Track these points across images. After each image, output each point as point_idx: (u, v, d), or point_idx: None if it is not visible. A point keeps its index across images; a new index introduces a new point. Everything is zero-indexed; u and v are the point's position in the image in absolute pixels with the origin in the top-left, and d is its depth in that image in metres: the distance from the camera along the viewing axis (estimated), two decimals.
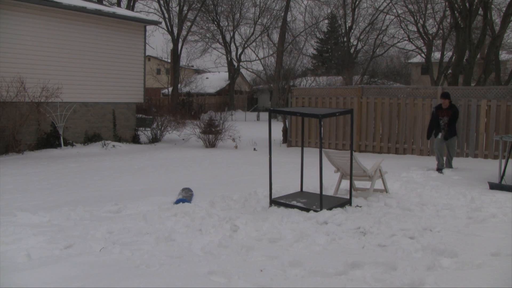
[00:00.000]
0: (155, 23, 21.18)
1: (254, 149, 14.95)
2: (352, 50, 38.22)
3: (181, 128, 17.73)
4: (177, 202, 6.69)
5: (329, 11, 39.71)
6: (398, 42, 37.39)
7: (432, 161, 11.54)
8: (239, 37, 41.53)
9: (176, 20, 34.78)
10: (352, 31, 37.62)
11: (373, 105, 13.64)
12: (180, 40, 35.22)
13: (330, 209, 6.03)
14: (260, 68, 35.86)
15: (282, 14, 34.61)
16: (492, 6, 23.25)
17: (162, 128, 17.37)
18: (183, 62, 40.43)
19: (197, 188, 7.78)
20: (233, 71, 42.25)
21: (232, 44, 41.28)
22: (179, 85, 36.42)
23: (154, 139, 17.13)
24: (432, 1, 30.30)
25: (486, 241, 4.80)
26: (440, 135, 10.02)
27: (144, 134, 17.35)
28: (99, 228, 5.31)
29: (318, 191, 6.42)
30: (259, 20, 38.60)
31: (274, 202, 6.50)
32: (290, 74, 22.31)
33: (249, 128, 22.03)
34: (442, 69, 29.50)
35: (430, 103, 12.78)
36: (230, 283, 3.67)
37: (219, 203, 6.57)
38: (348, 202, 6.47)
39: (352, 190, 7.49)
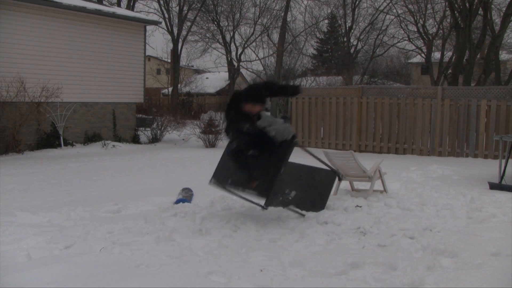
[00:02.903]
0: (155, 23, 21.19)
1: None
2: (352, 50, 38.21)
3: (181, 128, 17.73)
4: (177, 202, 6.69)
5: (329, 11, 39.69)
6: (398, 42, 37.40)
7: (432, 160, 11.56)
8: (239, 37, 41.49)
9: (176, 20, 34.77)
10: (352, 31, 37.61)
11: (373, 105, 13.63)
12: (180, 40, 35.21)
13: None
14: (260, 68, 35.87)
15: (282, 14, 34.60)
16: (492, 6, 23.26)
17: (162, 128, 17.36)
18: (183, 62, 40.41)
19: (197, 188, 7.77)
20: (233, 71, 42.22)
21: (232, 44, 41.25)
22: (179, 85, 36.42)
23: (154, 139, 17.13)
24: (432, 1, 30.32)
25: (486, 241, 4.79)
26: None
27: (144, 134, 17.35)
28: (99, 228, 5.30)
29: None
30: (259, 20, 38.57)
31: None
32: (290, 74, 22.28)
33: None
34: (442, 69, 29.50)
35: (430, 103, 12.79)
36: (230, 283, 3.67)
37: (219, 203, 6.56)
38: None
39: (352, 190, 7.51)
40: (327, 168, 6.43)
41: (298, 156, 6.21)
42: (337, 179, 6.51)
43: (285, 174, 6.00)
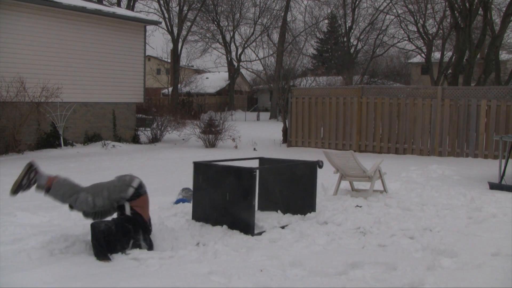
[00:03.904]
0: (155, 23, 21.19)
1: (254, 149, 14.95)
2: (352, 50, 38.22)
3: (181, 128, 17.73)
4: (177, 202, 6.70)
5: (329, 11, 39.72)
6: (398, 42, 37.45)
7: (432, 160, 11.56)
8: (239, 37, 41.56)
9: (176, 20, 34.77)
10: (352, 31, 37.63)
11: (373, 105, 13.64)
12: (180, 40, 35.21)
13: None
14: (260, 68, 35.85)
15: (282, 14, 34.62)
16: (492, 6, 23.24)
17: (162, 128, 17.36)
18: (183, 62, 40.42)
19: None
20: (233, 71, 42.24)
21: (232, 44, 41.30)
22: (179, 85, 36.41)
23: (154, 139, 17.13)
24: (432, 1, 30.32)
25: (486, 241, 4.79)
26: None
27: (144, 134, 17.34)
28: None
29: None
30: (259, 20, 38.61)
31: None
32: (290, 74, 22.29)
33: (249, 128, 22.03)
34: (442, 69, 29.51)
35: (430, 103, 12.79)
36: (230, 283, 3.67)
37: None
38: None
39: (352, 190, 7.51)
40: (305, 160, 6.29)
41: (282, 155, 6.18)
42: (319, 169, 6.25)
43: (268, 172, 6.00)
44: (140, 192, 4.57)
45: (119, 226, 4.35)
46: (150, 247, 4.53)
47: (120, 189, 4.52)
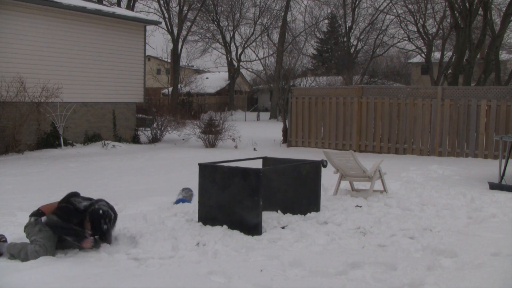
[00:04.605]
0: (155, 23, 21.20)
1: (254, 149, 14.94)
2: (352, 50, 38.23)
3: (181, 128, 17.73)
4: (177, 202, 6.70)
5: (329, 11, 39.76)
6: (398, 42, 37.49)
7: (432, 160, 11.56)
8: (239, 37, 41.59)
9: (176, 20, 34.79)
10: (352, 31, 37.67)
11: (373, 105, 13.63)
12: (180, 40, 35.23)
13: None
14: (260, 68, 35.89)
15: (282, 14, 34.63)
16: (492, 6, 23.25)
17: (162, 128, 17.36)
18: (183, 62, 40.44)
19: (197, 188, 7.76)
20: (233, 71, 42.26)
21: (232, 44, 41.33)
22: (179, 85, 36.42)
23: (154, 139, 17.13)
24: (432, 1, 30.34)
25: (486, 241, 4.79)
26: None
27: (144, 134, 17.35)
28: None
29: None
30: (259, 20, 38.63)
31: None
32: (290, 74, 22.29)
33: (249, 128, 22.03)
34: (442, 69, 29.52)
35: (430, 103, 12.79)
36: (230, 283, 3.67)
37: None
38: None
39: (352, 190, 7.51)
40: (310, 160, 6.32)
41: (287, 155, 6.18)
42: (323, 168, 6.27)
43: (273, 171, 5.99)
44: (36, 210, 4.85)
45: (63, 218, 4.55)
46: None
47: (29, 223, 4.69)
